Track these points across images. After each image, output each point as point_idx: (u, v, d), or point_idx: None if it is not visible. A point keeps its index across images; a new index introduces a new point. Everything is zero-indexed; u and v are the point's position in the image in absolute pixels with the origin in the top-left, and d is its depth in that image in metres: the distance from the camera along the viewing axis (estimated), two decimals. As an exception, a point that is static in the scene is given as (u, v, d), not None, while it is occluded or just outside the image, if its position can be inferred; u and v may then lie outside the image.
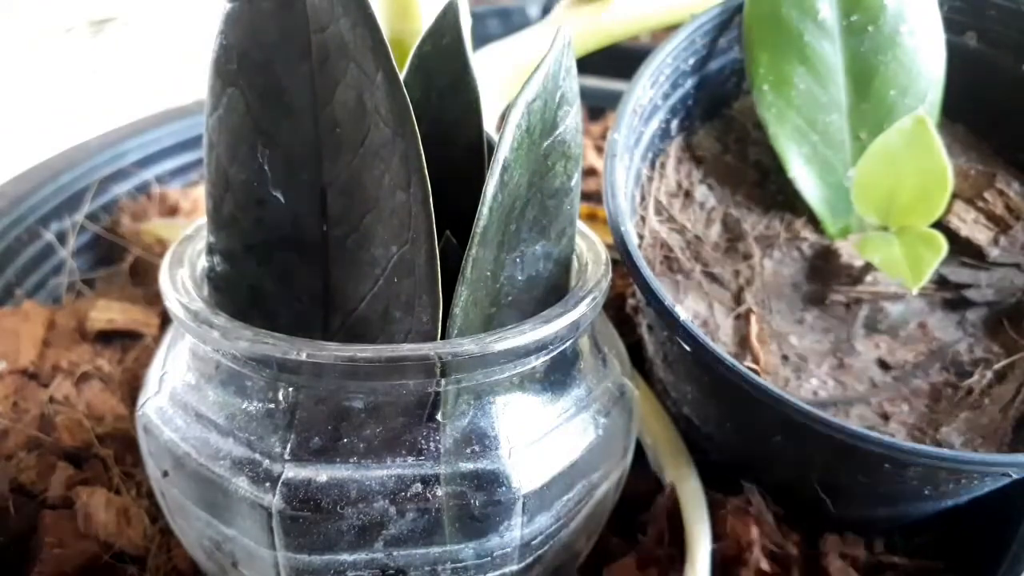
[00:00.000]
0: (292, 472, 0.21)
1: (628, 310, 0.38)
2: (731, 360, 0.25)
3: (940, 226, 0.29)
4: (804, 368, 0.29)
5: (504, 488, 0.22)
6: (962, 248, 0.31)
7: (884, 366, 0.29)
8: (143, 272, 0.43)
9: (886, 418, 0.28)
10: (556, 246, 0.24)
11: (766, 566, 0.28)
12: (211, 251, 0.24)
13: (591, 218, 0.46)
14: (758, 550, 0.28)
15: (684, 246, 0.32)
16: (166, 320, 0.39)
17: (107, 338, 0.39)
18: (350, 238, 0.22)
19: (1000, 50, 0.33)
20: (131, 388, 0.36)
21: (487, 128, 0.26)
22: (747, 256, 0.31)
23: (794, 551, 0.29)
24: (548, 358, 0.23)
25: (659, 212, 0.33)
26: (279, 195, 0.22)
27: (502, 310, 0.23)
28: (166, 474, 0.24)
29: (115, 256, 0.45)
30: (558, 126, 0.23)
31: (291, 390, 0.22)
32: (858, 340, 0.30)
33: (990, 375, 0.28)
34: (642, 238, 0.32)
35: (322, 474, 0.21)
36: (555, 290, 0.25)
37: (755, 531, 0.28)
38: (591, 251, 0.27)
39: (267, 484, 0.21)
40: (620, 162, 0.30)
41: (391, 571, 0.22)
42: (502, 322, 0.23)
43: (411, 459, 0.22)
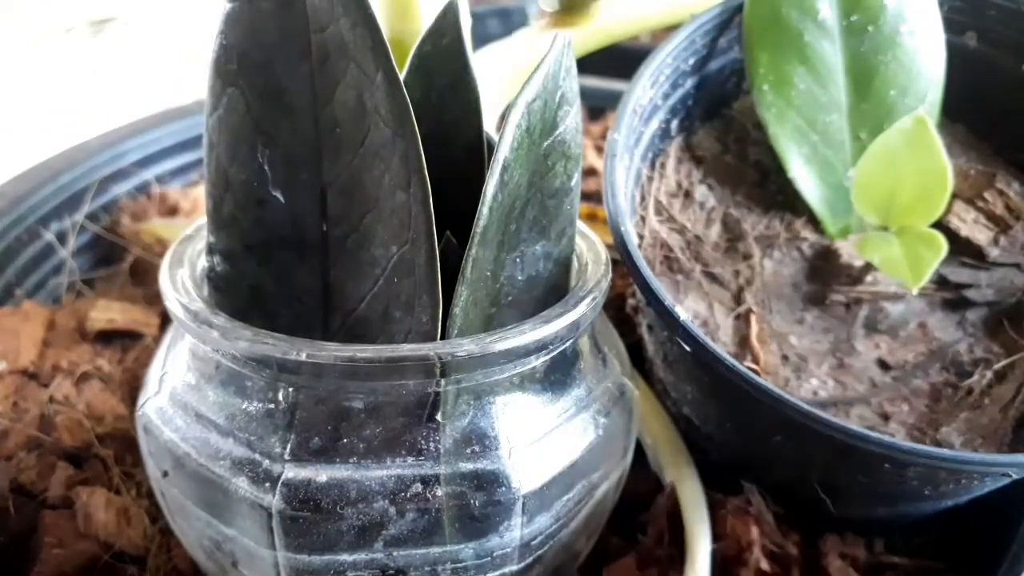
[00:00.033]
0: (292, 472, 0.21)
1: (628, 310, 0.38)
2: (731, 360, 0.25)
3: (940, 226, 0.29)
4: (804, 368, 0.29)
5: (504, 488, 0.22)
6: (962, 248, 0.31)
7: (884, 366, 0.29)
8: (143, 272, 0.43)
9: (886, 418, 0.28)
10: (556, 246, 0.24)
11: (766, 566, 0.28)
12: (211, 251, 0.24)
13: (591, 218, 0.46)
14: (758, 550, 0.28)
15: (684, 246, 0.32)
16: (166, 320, 0.39)
17: (107, 338, 0.39)
18: (350, 238, 0.22)
19: (1000, 50, 0.33)
20: (131, 388, 0.36)
21: (487, 128, 0.26)
22: (747, 256, 0.31)
23: (794, 551, 0.29)
24: (548, 358, 0.23)
25: (659, 212, 0.33)
26: (279, 195, 0.22)
27: (502, 310, 0.23)
28: (166, 474, 0.24)
29: (115, 256, 0.45)
30: (558, 126, 0.23)
31: (291, 390, 0.22)
32: (858, 340, 0.30)
33: (990, 375, 0.28)
34: (642, 238, 0.32)
35: (322, 474, 0.21)
36: (555, 290, 0.25)
37: (755, 531, 0.28)
38: (591, 251, 0.27)
39: (267, 484, 0.21)
40: (620, 162, 0.30)
41: (391, 571, 0.22)
42: (502, 322, 0.23)
43: (411, 459, 0.22)
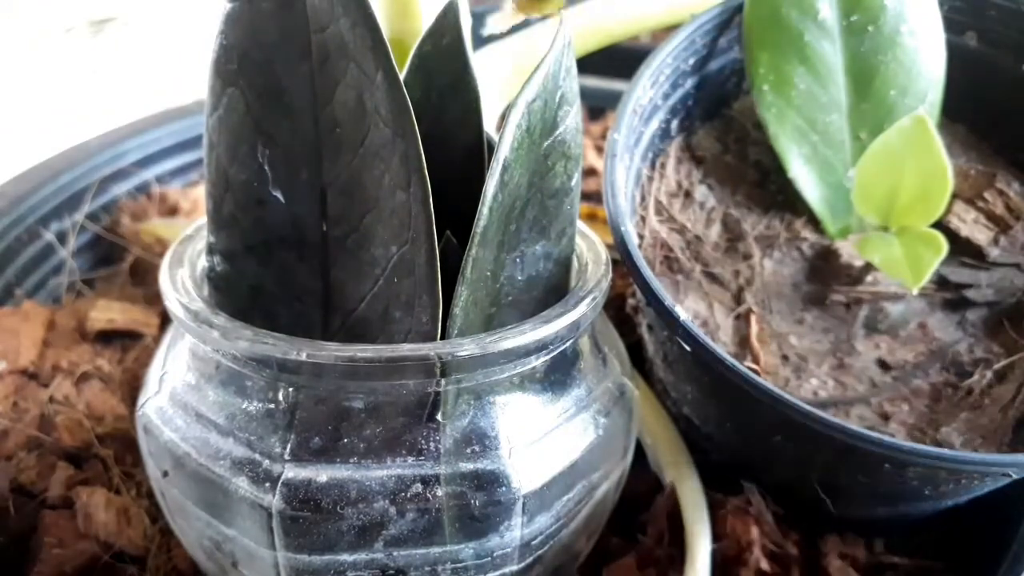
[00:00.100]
0: (292, 472, 0.21)
1: (628, 310, 0.38)
2: (731, 360, 0.25)
3: (940, 226, 0.29)
4: (804, 368, 0.29)
5: (504, 488, 0.22)
6: (962, 248, 0.31)
7: (884, 366, 0.29)
8: (143, 272, 0.43)
9: (886, 418, 0.28)
10: (556, 246, 0.24)
11: (766, 566, 0.28)
12: (211, 251, 0.24)
13: (591, 218, 0.46)
14: (758, 550, 0.28)
15: (684, 246, 0.32)
16: (166, 320, 0.39)
17: (107, 338, 0.39)
18: (350, 238, 0.22)
19: (1000, 50, 0.33)
20: (131, 388, 0.36)
21: (487, 128, 0.26)
22: (747, 256, 0.31)
23: (794, 551, 0.29)
24: (548, 358, 0.23)
25: (659, 212, 0.33)
26: (279, 195, 0.22)
27: (502, 310, 0.23)
28: (166, 474, 0.24)
29: (115, 256, 0.45)
30: (558, 126, 0.23)
31: (291, 390, 0.22)
32: (858, 340, 0.30)
33: (990, 375, 0.28)
34: (642, 238, 0.32)
35: (322, 474, 0.21)
36: (555, 290, 0.25)
37: (755, 531, 0.28)
38: (591, 251, 0.27)
39: (267, 484, 0.21)
40: (620, 162, 0.30)
41: (391, 571, 0.22)
42: (502, 322, 0.23)
43: (411, 459, 0.22)
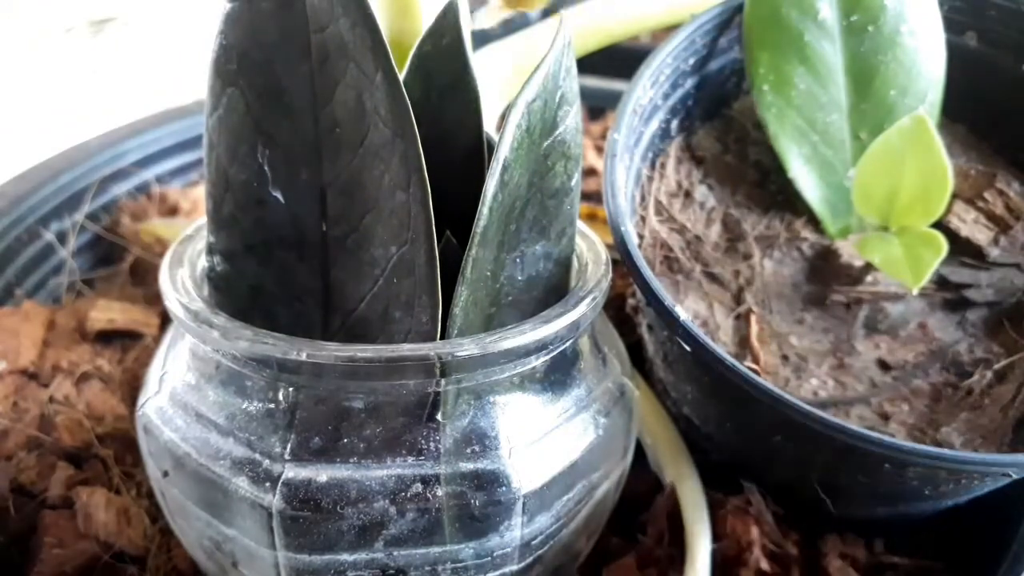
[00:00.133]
0: (292, 472, 0.21)
1: (628, 310, 0.38)
2: (731, 360, 0.25)
3: (940, 226, 0.29)
4: (804, 368, 0.29)
5: (504, 488, 0.22)
6: (962, 248, 0.31)
7: (884, 366, 0.29)
8: (143, 272, 0.43)
9: (886, 418, 0.28)
10: (556, 246, 0.24)
11: (766, 566, 0.28)
12: (211, 251, 0.24)
13: (591, 218, 0.46)
14: (758, 550, 0.28)
15: (684, 246, 0.32)
16: (166, 320, 0.39)
17: (107, 338, 0.39)
18: (350, 238, 0.22)
19: (1000, 50, 0.33)
20: (131, 388, 0.36)
21: (487, 128, 0.26)
22: (747, 256, 0.31)
23: (794, 551, 0.29)
24: (548, 358, 0.23)
25: (659, 212, 0.33)
26: (279, 195, 0.22)
27: (502, 310, 0.23)
28: (166, 474, 0.24)
29: (115, 256, 0.45)
30: (558, 126, 0.23)
31: (291, 390, 0.22)
32: (858, 340, 0.30)
33: (990, 375, 0.28)
34: (642, 238, 0.32)
35: (322, 474, 0.21)
36: (555, 290, 0.25)
37: (755, 531, 0.28)
38: (591, 251, 0.27)
39: (267, 484, 0.21)
40: (620, 162, 0.30)
41: (391, 571, 0.22)
42: (502, 322, 0.23)
43: (411, 459, 0.22)
